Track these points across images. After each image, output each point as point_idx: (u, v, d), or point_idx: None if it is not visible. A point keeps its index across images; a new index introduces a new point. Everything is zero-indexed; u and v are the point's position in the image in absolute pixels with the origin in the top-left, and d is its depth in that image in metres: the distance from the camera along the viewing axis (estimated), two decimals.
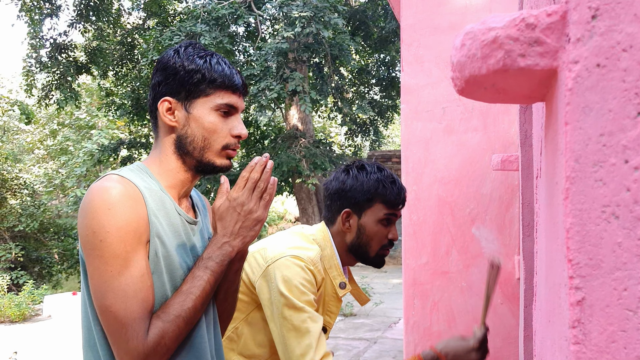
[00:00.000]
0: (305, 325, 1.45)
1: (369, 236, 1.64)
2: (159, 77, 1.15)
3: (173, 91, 1.13)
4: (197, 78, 1.12)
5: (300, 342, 1.43)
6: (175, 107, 1.13)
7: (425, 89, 3.00)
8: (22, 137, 20.85)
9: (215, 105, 1.13)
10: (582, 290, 0.51)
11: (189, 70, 1.12)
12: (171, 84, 1.13)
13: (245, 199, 1.12)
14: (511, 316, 2.83)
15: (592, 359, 0.51)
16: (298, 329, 1.44)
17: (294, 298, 1.45)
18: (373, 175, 1.63)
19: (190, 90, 1.12)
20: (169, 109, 1.13)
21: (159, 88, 1.15)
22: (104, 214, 1.01)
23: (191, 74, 1.12)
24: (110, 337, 1.03)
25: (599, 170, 0.52)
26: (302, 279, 1.49)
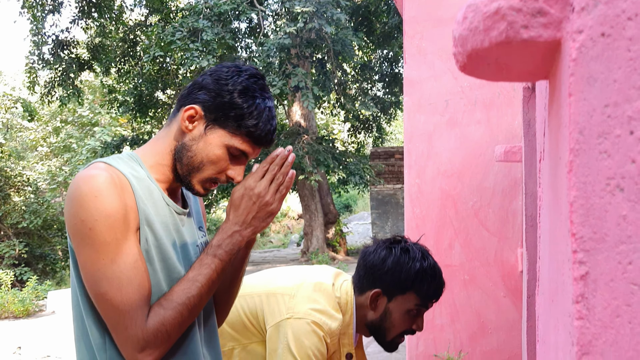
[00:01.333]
0: None
1: (393, 323, 1.57)
2: (206, 84, 1.11)
3: (207, 107, 1.11)
4: (234, 114, 1.09)
5: None
6: (198, 120, 1.11)
7: (428, 82, 2.99)
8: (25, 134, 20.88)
9: (231, 144, 1.11)
10: (586, 264, 0.50)
11: (233, 103, 1.09)
12: (210, 100, 1.10)
13: (263, 190, 1.10)
14: (514, 309, 2.82)
15: (596, 334, 0.49)
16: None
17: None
18: (416, 263, 1.53)
19: (220, 119, 1.10)
20: (191, 117, 1.11)
21: (198, 92, 1.12)
22: (91, 202, 0.99)
23: (232, 108, 1.09)
24: (109, 325, 1.03)
25: (604, 142, 0.50)
26: (316, 349, 1.46)
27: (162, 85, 13.06)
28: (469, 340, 2.87)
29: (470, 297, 2.88)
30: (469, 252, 2.90)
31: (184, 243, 1.16)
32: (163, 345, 1.04)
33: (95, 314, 1.06)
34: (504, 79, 0.69)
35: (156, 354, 1.03)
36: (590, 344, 0.49)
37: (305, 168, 10.56)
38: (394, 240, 1.60)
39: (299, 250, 14.47)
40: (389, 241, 1.60)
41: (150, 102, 13.18)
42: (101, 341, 1.06)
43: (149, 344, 1.01)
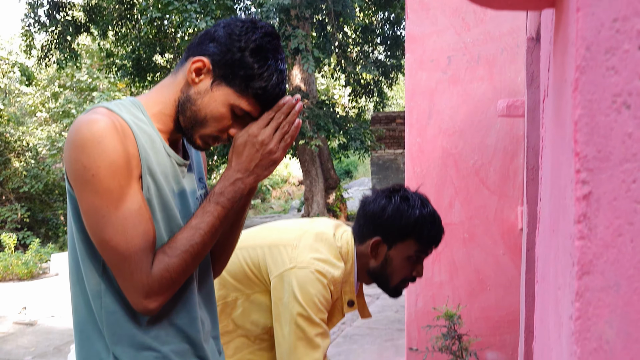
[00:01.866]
0: (317, 340, 1.46)
1: (394, 269, 1.59)
2: (219, 36, 1.06)
3: (215, 61, 1.06)
4: (243, 73, 1.05)
5: (308, 354, 1.45)
6: (205, 74, 1.07)
7: (431, 38, 2.94)
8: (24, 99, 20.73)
9: (236, 104, 1.07)
10: (589, 184, 0.49)
11: (244, 61, 1.05)
12: (220, 55, 1.06)
13: (266, 138, 1.07)
14: (513, 266, 2.84)
15: (597, 253, 0.49)
16: (310, 341, 1.45)
17: (312, 312, 1.45)
18: (415, 210, 1.54)
19: (228, 76, 1.06)
20: (199, 70, 1.07)
21: (209, 44, 1.07)
22: (94, 148, 0.97)
23: (242, 67, 1.05)
24: (114, 271, 1.02)
25: (611, 58, 0.49)
26: (321, 296, 1.48)
27: (160, 49, 12.90)
28: (468, 296, 2.90)
29: (469, 255, 2.90)
30: (469, 210, 2.91)
31: (184, 194, 1.14)
32: (168, 291, 1.04)
33: (91, 261, 1.06)
34: (510, 7, 0.67)
35: (161, 299, 1.03)
36: (590, 263, 0.49)
37: (306, 133, 10.51)
38: (393, 189, 1.60)
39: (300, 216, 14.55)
40: (388, 190, 1.61)
41: (149, 66, 13.04)
42: (97, 288, 1.06)
43: (154, 290, 1.01)
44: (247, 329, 1.60)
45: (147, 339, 1.07)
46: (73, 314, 1.11)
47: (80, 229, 1.06)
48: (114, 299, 1.05)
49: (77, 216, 1.06)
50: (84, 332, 1.08)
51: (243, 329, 1.60)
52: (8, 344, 5.09)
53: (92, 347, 1.08)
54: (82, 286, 1.08)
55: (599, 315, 0.49)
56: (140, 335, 1.07)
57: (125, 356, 1.07)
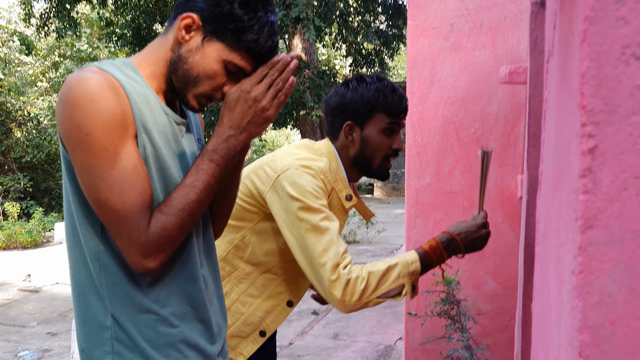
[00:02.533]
0: (324, 224, 1.45)
1: (373, 147, 1.62)
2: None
3: (205, 16, 1.04)
4: (233, 26, 1.03)
5: (320, 239, 1.44)
6: (195, 30, 1.05)
7: (433, 4, 2.89)
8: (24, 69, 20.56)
9: (229, 60, 1.05)
10: (594, 137, 0.49)
11: (234, 14, 1.03)
12: (209, 9, 1.04)
13: (259, 94, 1.05)
14: (512, 234, 2.85)
15: (602, 207, 0.49)
16: (317, 228, 1.44)
17: (308, 200, 1.45)
18: (372, 85, 1.60)
19: (219, 31, 1.04)
20: (188, 26, 1.05)
21: (195, 3, 1.05)
22: (86, 106, 0.95)
23: (232, 19, 1.03)
24: (111, 231, 1.01)
25: (621, 8, 0.48)
26: (314, 184, 1.48)
27: (160, 18, 12.73)
28: (466, 263, 2.92)
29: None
30: (469, 178, 2.90)
31: (182, 153, 1.13)
32: (166, 250, 1.03)
33: (89, 223, 1.05)
34: None
35: (160, 258, 1.03)
36: (594, 217, 0.49)
37: (307, 103, 10.45)
38: (348, 78, 1.67)
39: None
40: (344, 81, 1.68)
41: (149, 35, 12.89)
42: (95, 250, 1.05)
43: (152, 249, 1.01)
44: (266, 263, 1.61)
45: (147, 301, 1.07)
46: (71, 277, 1.10)
47: (76, 191, 1.04)
48: (113, 261, 1.05)
49: (72, 178, 1.04)
50: (82, 295, 1.08)
51: (261, 265, 1.61)
52: (13, 310, 5.16)
53: (91, 309, 1.07)
54: (80, 249, 1.07)
55: (602, 269, 0.48)
56: (140, 297, 1.07)
57: (124, 318, 1.06)
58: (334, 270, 1.42)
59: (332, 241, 1.44)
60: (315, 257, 1.44)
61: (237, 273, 1.63)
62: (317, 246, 1.44)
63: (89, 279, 1.07)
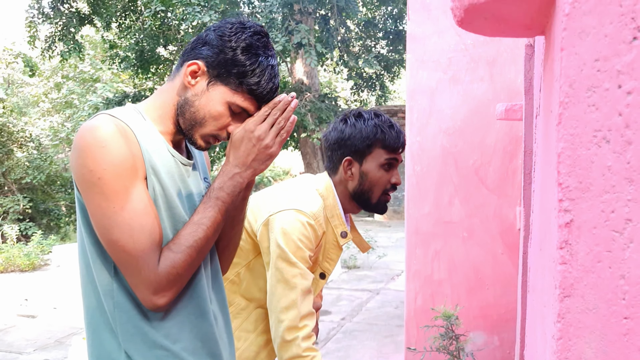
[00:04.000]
0: (295, 281, 1.49)
1: (372, 182, 1.65)
2: (210, 39, 1.12)
3: (209, 63, 1.12)
4: (236, 71, 1.11)
5: (286, 295, 1.49)
6: (200, 75, 1.12)
7: (432, 38, 2.96)
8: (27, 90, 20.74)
9: (232, 102, 1.12)
10: (570, 212, 0.53)
11: (236, 60, 1.10)
12: (214, 56, 1.11)
13: (263, 133, 1.12)
14: (511, 266, 2.87)
15: (578, 278, 0.52)
16: (287, 282, 1.49)
17: (289, 252, 1.49)
18: (370, 121, 1.63)
19: (223, 75, 1.11)
20: (194, 72, 1.12)
21: (201, 48, 1.13)
22: (98, 152, 1.01)
23: (235, 64, 1.10)
24: (123, 270, 1.06)
25: (592, 95, 0.52)
26: (301, 234, 1.51)
27: (164, 41, 12.89)
28: (467, 294, 2.94)
29: (468, 253, 2.94)
30: (468, 209, 2.94)
31: (189, 193, 1.18)
32: (175, 286, 1.08)
33: (102, 262, 1.09)
34: (501, 34, 0.70)
35: (169, 295, 1.07)
36: (571, 287, 0.53)
37: (308, 126, 10.53)
38: (347, 113, 1.70)
39: None
40: (341, 116, 1.71)
41: (152, 58, 13.02)
42: (109, 288, 1.09)
43: (161, 286, 1.05)
44: (259, 299, 1.64)
45: (159, 337, 1.11)
46: (85, 315, 1.14)
47: (90, 232, 1.09)
48: (126, 298, 1.09)
49: (86, 220, 1.10)
50: (96, 332, 1.12)
51: (255, 300, 1.64)
52: (10, 335, 5.15)
53: (105, 345, 1.11)
54: (94, 287, 1.11)
55: (579, 336, 0.52)
56: (153, 332, 1.11)
57: (137, 354, 1.10)
58: (290, 332, 1.48)
59: (295, 301, 1.49)
60: (278, 310, 1.50)
61: (233, 308, 1.66)
62: (282, 301, 1.50)
63: (102, 317, 1.11)
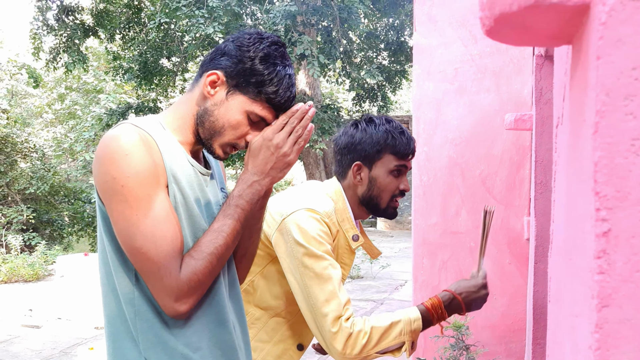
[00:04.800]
0: (327, 272, 1.48)
1: (380, 188, 1.65)
2: (229, 49, 1.15)
3: (228, 72, 1.14)
4: (255, 80, 1.13)
5: (323, 288, 1.46)
6: (219, 85, 1.14)
7: (438, 49, 2.97)
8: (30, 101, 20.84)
9: (251, 110, 1.14)
10: (608, 222, 0.52)
11: (254, 69, 1.12)
12: (232, 66, 1.14)
13: (281, 141, 1.13)
14: (519, 276, 2.86)
15: (616, 287, 0.52)
16: (320, 276, 1.47)
17: (313, 247, 1.48)
18: (382, 127, 1.63)
19: (241, 85, 1.13)
20: (213, 82, 1.14)
21: (221, 58, 1.15)
22: (122, 160, 1.03)
23: (253, 74, 1.13)
24: (145, 277, 1.07)
25: (630, 104, 0.52)
26: (318, 230, 1.51)
27: (167, 53, 12.96)
28: None
29: (475, 264, 2.92)
30: (475, 219, 2.93)
31: (207, 202, 1.20)
32: (196, 293, 1.08)
33: (123, 270, 1.10)
34: (527, 43, 0.70)
35: (190, 301, 1.08)
36: (609, 297, 0.52)
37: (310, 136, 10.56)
38: (357, 119, 1.70)
39: None
40: (352, 121, 1.71)
41: (155, 69, 13.09)
42: (131, 296, 1.10)
43: (183, 293, 1.06)
44: (274, 307, 1.63)
45: (179, 345, 1.12)
46: (106, 324, 1.15)
47: (111, 240, 1.11)
48: (147, 306, 1.10)
49: (107, 228, 1.11)
50: (117, 341, 1.13)
51: (270, 309, 1.63)
52: (14, 346, 5.13)
53: (125, 354, 1.12)
54: (115, 295, 1.12)
55: (617, 346, 0.52)
56: (173, 341, 1.11)
57: None
58: (336, 322, 1.45)
59: (334, 291, 1.47)
60: (318, 306, 1.47)
61: (247, 318, 1.65)
62: (320, 295, 1.47)
63: (124, 325, 1.11)
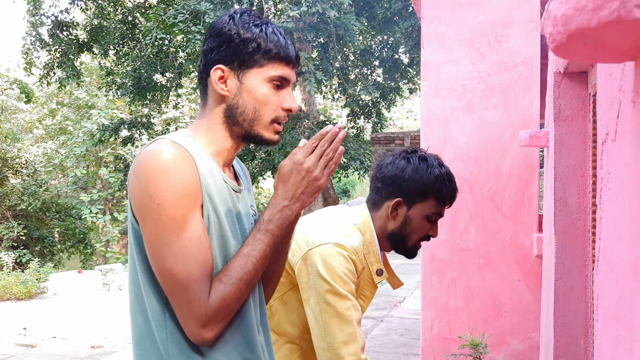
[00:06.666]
0: (349, 313, 1.45)
1: (413, 229, 1.60)
2: (212, 43, 1.12)
3: (226, 59, 1.11)
4: (252, 47, 1.09)
5: (343, 329, 1.44)
6: (227, 76, 1.11)
7: (446, 66, 2.99)
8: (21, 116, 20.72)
9: (268, 77, 1.11)
10: None
11: (244, 38, 1.10)
12: (225, 51, 1.10)
13: (312, 165, 1.10)
14: (529, 293, 2.85)
15: None
16: (342, 316, 1.45)
17: (338, 286, 1.45)
18: (434, 170, 1.57)
19: (244, 59, 1.10)
20: (221, 78, 1.11)
21: (212, 55, 1.12)
22: (160, 178, 1.00)
23: (246, 43, 1.09)
24: (173, 300, 1.03)
25: None
26: (345, 268, 1.48)
27: (161, 68, 12.96)
28: (483, 322, 2.91)
29: (484, 280, 2.92)
30: (484, 235, 2.93)
31: (240, 220, 1.17)
32: (224, 320, 1.05)
33: (155, 290, 1.07)
34: (595, 59, 0.70)
35: (217, 329, 1.04)
36: None
37: None
38: (409, 151, 1.63)
39: None
40: (404, 152, 1.63)
41: (149, 85, 13.08)
42: (162, 318, 1.07)
43: (211, 319, 1.02)
44: (289, 334, 1.60)
45: None
46: (134, 345, 1.11)
47: (143, 259, 1.07)
48: (178, 328, 1.06)
49: (139, 248, 1.07)
50: None
51: (285, 335, 1.60)
52: None
53: None
54: (145, 317, 1.08)
55: None
56: None
57: None
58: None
59: (354, 334, 1.45)
60: (335, 347, 1.45)
61: None
62: (339, 336, 1.45)
63: (153, 347, 1.08)
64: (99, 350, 5.42)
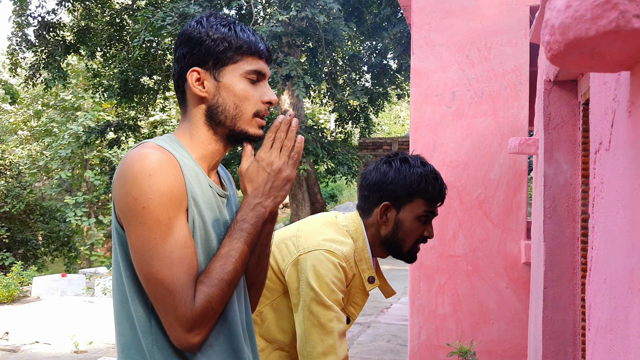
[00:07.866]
0: (331, 325, 1.44)
1: (406, 232, 1.58)
2: (184, 48, 1.13)
3: (200, 61, 1.12)
4: (223, 46, 1.11)
5: (323, 340, 1.43)
6: (204, 77, 1.12)
7: (436, 73, 2.99)
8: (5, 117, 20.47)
9: (244, 71, 1.12)
10: None
11: (214, 38, 1.11)
12: (197, 54, 1.12)
13: (274, 158, 1.11)
14: (516, 300, 2.86)
15: None
16: (323, 327, 1.44)
17: (324, 295, 1.44)
18: (417, 169, 1.56)
19: (217, 58, 1.11)
20: (198, 79, 1.12)
21: (185, 60, 1.13)
22: (145, 181, 0.99)
23: (217, 42, 1.11)
24: (158, 305, 1.02)
25: None
26: (333, 276, 1.47)
27: (149, 71, 12.89)
28: (471, 330, 2.91)
29: (473, 288, 2.92)
30: (472, 242, 2.93)
31: (225, 224, 1.16)
32: (209, 323, 1.04)
33: (141, 296, 1.05)
34: (591, 69, 0.69)
35: (203, 332, 1.03)
36: None
37: None
38: (390, 155, 1.63)
39: None
40: (386, 157, 1.63)
41: (136, 87, 13.00)
42: (147, 324, 1.05)
43: (197, 323, 1.01)
44: (279, 340, 1.58)
45: None
46: (119, 353, 1.10)
47: (128, 265, 1.06)
48: (165, 335, 1.05)
49: (124, 253, 1.06)
50: None
51: (275, 342, 1.58)
52: None
53: None
54: (130, 322, 1.07)
55: None
56: None
57: None
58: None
59: (333, 346, 1.44)
60: (314, 356, 1.44)
61: None
62: (318, 346, 1.44)
63: (139, 354, 1.06)
64: (82, 355, 5.34)
